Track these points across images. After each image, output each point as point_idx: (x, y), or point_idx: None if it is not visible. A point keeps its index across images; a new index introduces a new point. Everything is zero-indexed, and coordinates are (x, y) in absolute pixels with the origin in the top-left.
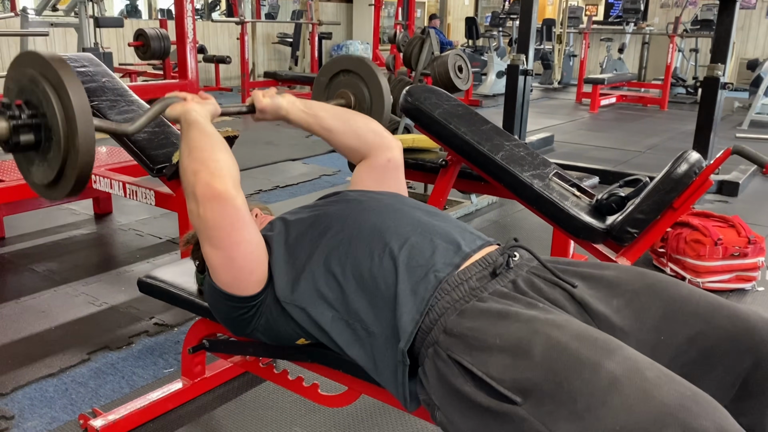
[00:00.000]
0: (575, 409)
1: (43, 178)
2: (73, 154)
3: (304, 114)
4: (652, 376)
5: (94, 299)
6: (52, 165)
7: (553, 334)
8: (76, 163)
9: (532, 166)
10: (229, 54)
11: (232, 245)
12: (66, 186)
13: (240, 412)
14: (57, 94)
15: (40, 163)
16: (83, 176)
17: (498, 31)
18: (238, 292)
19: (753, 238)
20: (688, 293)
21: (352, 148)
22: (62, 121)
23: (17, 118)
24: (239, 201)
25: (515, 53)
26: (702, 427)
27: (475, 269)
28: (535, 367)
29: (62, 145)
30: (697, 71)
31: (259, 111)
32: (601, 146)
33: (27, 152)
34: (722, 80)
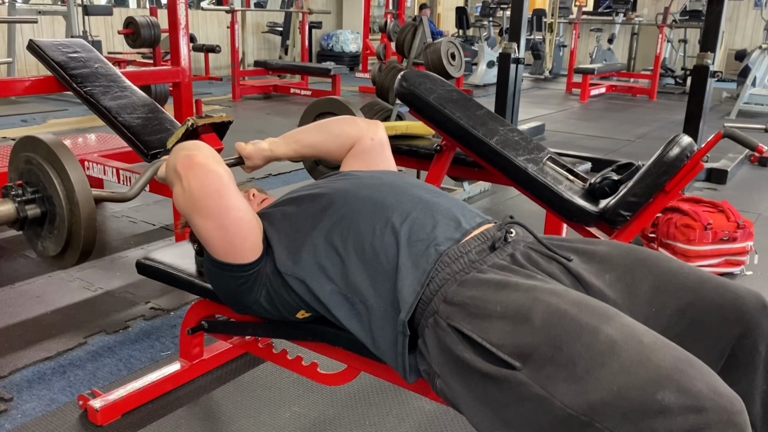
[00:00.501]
0: (574, 372)
1: (55, 248)
2: (77, 224)
3: (286, 145)
4: (649, 341)
5: (89, 284)
6: (60, 231)
7: (553, 301)
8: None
9: (526, 151)
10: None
11: (222, 212)
12: (74, 255)
13: (238, 393)
14: (56, 172)
15: (49, 234)
16: (89, 243)
17: (488, 21)
18: (234, 260)
19: (742, 222)
20: (678, 267)
21: (338, 149)
22: (64, 196)
23: (21, 195)
24: (221, 169)
25: (507, 42)
26: (696, 389)
27: (475, 243)
28: (535, 332)
29: (66, 217)
30: (686, 62)
31: (246, 158)
32: (591, 135)
33: (36, 228)
34: (712, 69)
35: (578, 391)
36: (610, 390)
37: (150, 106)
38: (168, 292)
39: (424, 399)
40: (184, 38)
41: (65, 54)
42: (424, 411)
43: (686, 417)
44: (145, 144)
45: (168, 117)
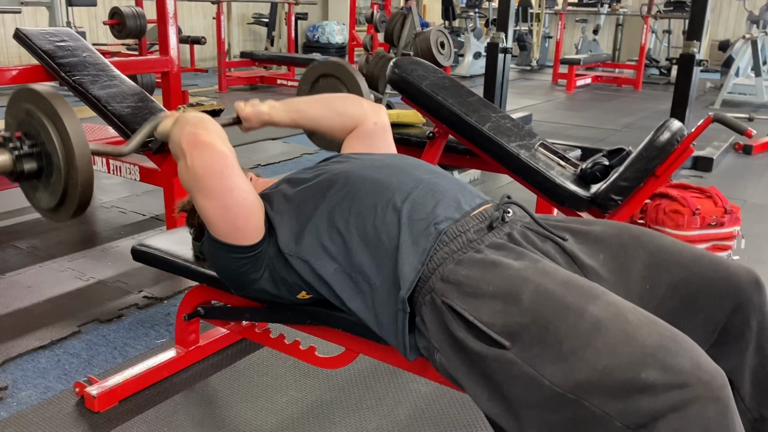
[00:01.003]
0: (561, 351)
1: (49, 203)
2: (73, 178)
3: (286, 113)
4: (634, 319)
5: (80, 274)
6: (55, 189)
7: (541, 281)
8: (77, 184)
9: (518, 137)
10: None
11: (225, 192)
12: (70, 208)
13: (235, 379)
14: (53, 124)
15: (45, 188)
16: (85, 197)
17: (474, 12)
18: (236, 241)
19: (729, 207)
20: (671, 244)
21: (340, 128)
22: (60, 148)
23: (19, 148)
24: (226, 149)
25: (495, 32)
26: (679, 365)
27: (473, 222)
28: (523, 312)
29: (63, 170)
30: (670, 52)
31: (244, 119)
32: (578, 125)
33: (31, 180)
34: (697, 57)
35: (565, 370)
36: (595, 369)
37: (139, 95)
38: (161, 280)
39: (420, 382)
40: (173, 28)
41: (53, 43)
42: (420, 393)
43: (670, 394)
44: None
45: (158, 106)
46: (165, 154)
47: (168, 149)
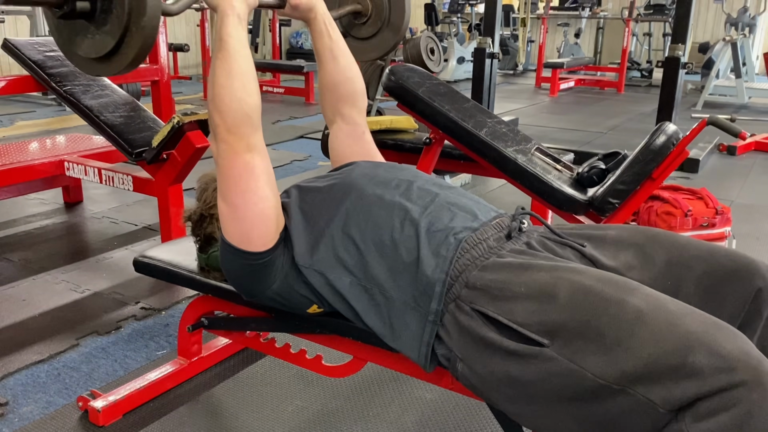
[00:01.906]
0: (604, 343)
1: (93, 51)
2: (135, 30)
3: (326, 28)
4: (675, 308)
5: (75, 286)
6: (107, 39)
7: (576, 278)
8: (140, 39)
9: (514, 142)
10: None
11: (237, 194)
12: (122, 61)
13: (239, 390)
14: None
15: (90, 34)
16: (142, 55)
17: (457, 18)
18: (245, 246)
19: (720, 209)
20: (686, 241)
21: (338, 86)
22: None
23: None
24: (250, 155)
25: (481, 37)
26: (725, 350)
27: (492, 231)
28: (561, 309)
29: (124, 19)
30: (651, 55)
31: (291, 6)
32: (564, 128)
33: (76, 20)
34: (683, 60)
35: (609, 361)
36: (641, 357)
37: (131, 105)
38: (158, 291)
39: (426, 389)
40: (162, 36)
41: (42, 53)
42: (426, 400)
43: (718, 377)
44: (129, 143)
45: (150, 115)
46: (159, 164)
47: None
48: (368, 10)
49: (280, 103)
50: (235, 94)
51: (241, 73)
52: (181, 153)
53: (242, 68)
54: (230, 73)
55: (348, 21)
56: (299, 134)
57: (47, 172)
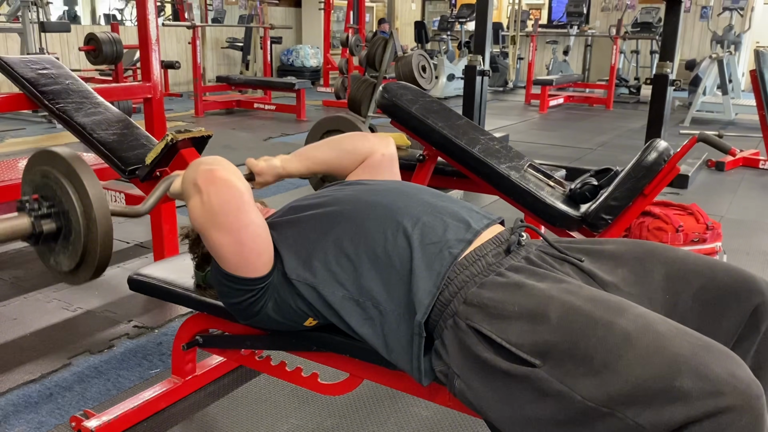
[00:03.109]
0: (593, 366)
1: (68, 265)
2: (93, 234)
3: (299, 162)
4: (664, 329)
5: (67, 305)
6: (74, 250)
7: (567, 298)
8: (97, 243)
9: (507, 159)
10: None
11: (241, 228)
12: (90, 267)
13: (234, 408)
14: (71, 182)
15: (63, 251)
16: (105, 256)
17: (447, 35)
18: (246, 274)
19: (711, 224)
20: (684, 254)
21: (351, 165)
22: (79, 205)
23: (37, 210)
24: (241, 185)
25: (472, 55)
26: (714, 374)
27: (490, 246)
28: (552, 330)
29: (82, 229)
30: (639, 72)
31: (257, 174)
32: (554, 144)
33: (49, 243)
34: (671, 77)
35: (597, 384)
36: (628, 380)
37: (124, 122)
38: (150, 309)
39: (421, 406)
40: (155, 54)
41: (35, 71)
42: (421, 418)
43: (705, 401)
44: (122, 160)
45: (143, 133)
46: (152, 182)
47: (155, 176)
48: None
49: (272, 120)
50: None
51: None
52: (174, 170)
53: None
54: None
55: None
56: (291, 151)
57: None
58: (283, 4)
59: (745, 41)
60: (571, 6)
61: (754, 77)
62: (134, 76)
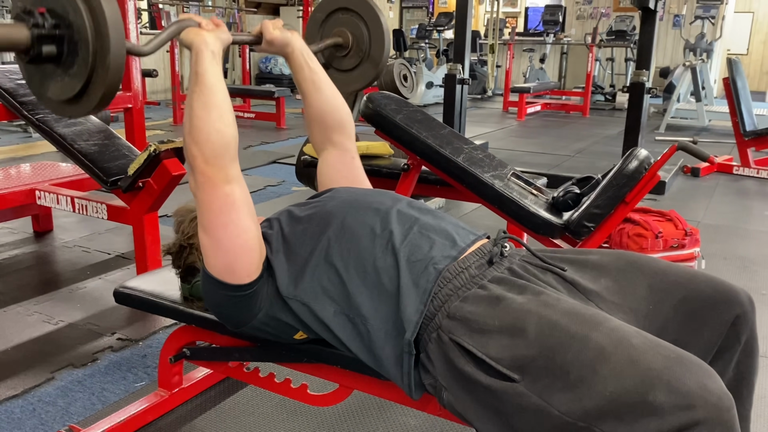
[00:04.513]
0: (568, 381)
1: (62, 94)
2: (101, 71)
3: (304, 61)
4: (638, 343)
5: (49, 318)
6: (74, 80)
7: (545, 312)
8: (105, 79)
9: (491, 167)
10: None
11: (219, 227)
12: (89, 102)
13: (222, 421)
14: (89, 7)
15: (59, 77)
16: (110, 93)
17: (425, 43)
18: (229, 279)
19: (689, 230)
20: (666, 266)
21: (325, 116)
22: (93, 36)
23: (41, 27)
24: (230, 187)
25: (452, 63)
26: (686, 387)
27: (473, 258)
28: (530, 345)
29: (90, 61)
30: (614, 79)
31: (267, 42)
32: (533, 151)
33: (44, 64)
34: (647, 85)
35: (573, 399)
36: (603, 395)
37: (105, 132)
38: (133, 321)
39: (410, 415)
40: (136, 63)
41: (13, 81)
42: (410, 427)
43: (677, 415)
44: (104, 171)
45: (125, 143)
46: (135, 192)
47: (137, 187)
48: (349, 43)
49: (251, 129)
50: (212, 125)
51: (217, 105)
52: (157, 181)
53: (219, 101)
54: (207, 105)
55: (330, 53)
56: (272, 159)
57: (17, 201)
58: (261, 12)
59: (716, 49)
60: (547, 14)
61: (727, 85)
62: None
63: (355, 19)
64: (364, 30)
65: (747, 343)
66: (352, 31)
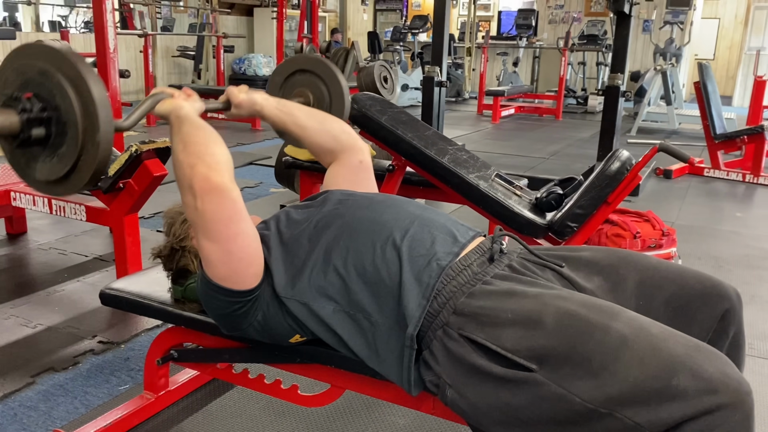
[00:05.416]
0: (590, 368)
1: (51, 174)
2: (92, 149)
3: (278, 111)
4: (657, 331)
5: (27, 321)
6: (64, 160)
7: (561, 304)
8: (96, 157)
9: (475, 168)
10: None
11: (230, 238)
12: (80, 180)
13: (209, 423)
14: (75, 88)
15: (47, 158)
16: (100, 171)
17: (400, 46)
18: (235, 286)
19: (666, 230)
20: (657, 262)
21: (325, 148)
22: (81, 115)
23: (29, 111)
24: (236, 194)
25: (430, 66)
26: (707, 373)
27: (474, 256)
28: (548, 335)
29: (79, 140)
30: (585, 83)
31: (235, 106)
32: (508, 154)
33: (32, 147)
34: (622, 89)
35: (596, 386)
36: (626, 381)
37: None
38: (115, 324)
39: (399, 415)
40: (113, 63)
41: None
42: (399, 426)
43: (701, 399)
44: None
45: None
46: (115, 193)
47: (118, 188)
48: (310, 102)
49: (226, 130)
50: (216, 150)
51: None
52: (138, 182)
53: (213, 140)
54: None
55: None
56: (248, 161)
57: None
58: (235, 13)
59: (685, 54)
60: (520, 18)
61: (698, 89)
62: None
63: (313, 79)
64: (323, 88)
65: (735, 337)
66: (312, 90)
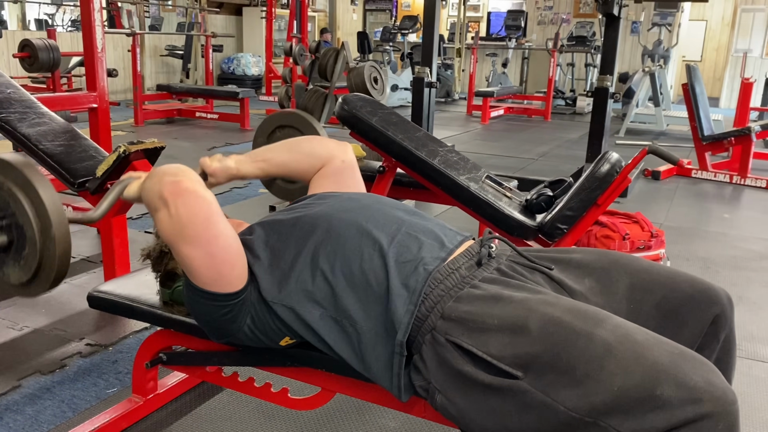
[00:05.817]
0: (575, 376)
1: (22, 276)
2: (50, 245)
3: (253, 164)
4: (642, 339)
5: (12, 323)
6: (29, 261)
7: (547, 310)
8: (56, 253)
9: (465, 170)
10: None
11: (210, 240)
12: (45, 281)
13: (198, 426)
14: (25, 193)
15: (15, 262)
16: (63, 269)
17: (389, 46)
18: (220, 289)
19: (655, 232)
20: (648, 265)
21: (308, 169)
22: (34, 216)
23: None
24: (209, 196)
25: (420, 67)
26: (692, 382)
27: (462, 260)
28: (533, 342)
29: (38, 243)
30: (574, 84)
31: (210, 175)
32: (498, 155)
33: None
34: (610, 90)
35: (580, 394)
36: (610, 390)
37: (71, 133)
38: (102, 326)
39: (389, 417)
40: (101, 62)
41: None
42: (389, 429)
43: (685, 409)
44: (70, 172)
45: (92, 144)
46: (103, 194)
47: (106, 188)
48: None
49: (215, 129)
50: None
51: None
52: None
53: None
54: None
55: None
56: None
57: None
58: (224, 12)
59: (673, 55)
60: (509, 19)
61: (686, 91)
62: (69, 84)
63: (293, 132)
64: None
65: (726, 341)
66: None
